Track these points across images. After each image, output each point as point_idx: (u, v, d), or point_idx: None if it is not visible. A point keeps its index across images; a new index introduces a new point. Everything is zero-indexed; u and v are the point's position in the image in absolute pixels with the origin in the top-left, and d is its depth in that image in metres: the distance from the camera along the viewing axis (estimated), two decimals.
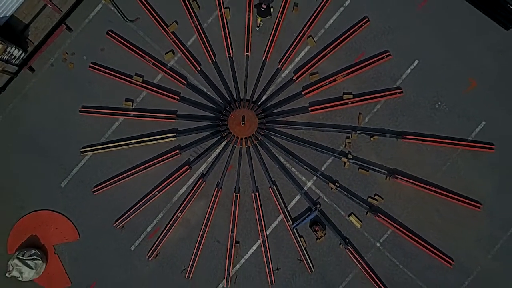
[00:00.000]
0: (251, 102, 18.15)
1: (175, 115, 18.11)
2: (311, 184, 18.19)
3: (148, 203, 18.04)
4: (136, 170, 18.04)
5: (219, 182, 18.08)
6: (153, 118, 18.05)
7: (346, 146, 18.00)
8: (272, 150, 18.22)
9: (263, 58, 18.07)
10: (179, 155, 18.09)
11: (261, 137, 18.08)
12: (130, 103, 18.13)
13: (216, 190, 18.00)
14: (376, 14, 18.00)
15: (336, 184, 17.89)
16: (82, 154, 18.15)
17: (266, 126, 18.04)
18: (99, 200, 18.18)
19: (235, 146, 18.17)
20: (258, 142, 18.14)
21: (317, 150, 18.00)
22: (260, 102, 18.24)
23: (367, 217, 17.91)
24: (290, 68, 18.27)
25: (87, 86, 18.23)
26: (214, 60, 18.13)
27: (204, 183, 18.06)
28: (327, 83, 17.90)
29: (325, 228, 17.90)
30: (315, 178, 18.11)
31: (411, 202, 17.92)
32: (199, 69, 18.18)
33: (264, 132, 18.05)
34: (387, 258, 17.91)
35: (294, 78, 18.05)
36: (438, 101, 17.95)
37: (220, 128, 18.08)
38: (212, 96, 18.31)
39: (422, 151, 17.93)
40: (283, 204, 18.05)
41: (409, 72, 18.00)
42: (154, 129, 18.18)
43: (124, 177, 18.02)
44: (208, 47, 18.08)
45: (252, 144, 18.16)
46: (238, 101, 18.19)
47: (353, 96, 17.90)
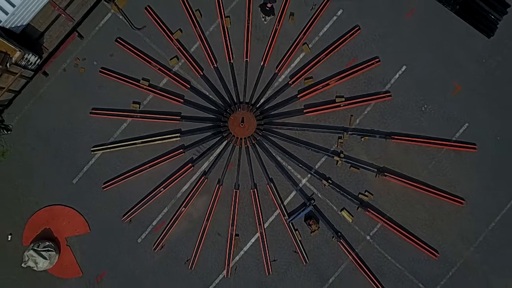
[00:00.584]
0: (250, 105, 18.75)
1: (179, 117, 18.71)
2: (305, 181, 18.78)
3: (154, 198, 18.68)
4: (143, 168, 18.68)
5: (220, 179, 18.69)
6: (158, 119, 18.68)
7: (339, 146, 18.59)
8: (269, 149, 18.82)
9: (262, 64, 18.67)
10: (182, 154, 18.71)
11: (259, 137, 18.68)
12: (137, 105, 18.77)
13: (217, 186, 18.62)
14: (366, 23, 18.63)
15: (329, 181, 18.50)
16: (92, 153, 18.82)
17: (264, 127, 18.65)
18: (108, 195, 18.81)
19: (235, 145, 18.76)
20: (256, 142, 18.74)
21: (311, 150, 18.60)
22: (258, 105, 18.84)
23: (358, 212, 18.53)
24: (286, 73, 18.87)
25: (97, 89, 18.90)
26: (216, 65, 18.74)
27: (206, 180, 18.67)
28: (321, 87, 18.54)
29: (318, 222, 18.49)
30: (309, 175, 18.70)
31: (399, 198, 18.54)
32: (202, 74, 18.79)
33: (262, 132, 18.65)
34: (377, 251, 18.55)
35: (290, 82, 18.66)
36: (424, 104, 18.55)
37: (221, 129, 18.66)
38: (214, 99, 18.91)
39: (409, 151, 18.54)
40: (280, 200, 18.64)
41: (397, 77, 18.61)
42: (160, 129, 18.81)
43: (131, 174, 18.67)
44: (210, 53, 18.70)
45: (251, 144, 18.74)
46: (238, 103, 18.77)
47: (345, 99, 18.50)
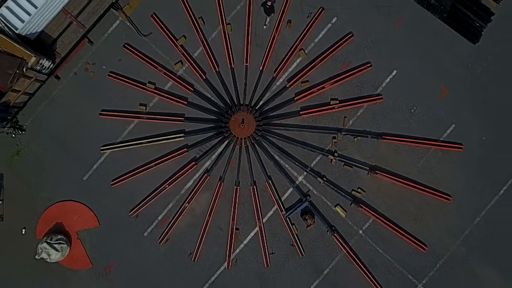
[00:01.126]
0: (249, 107, 19.22)
1: (183, 118, 19.18)
2: (302, 178, 19.21)
3: (160, 195, 19.10)
4: (149, 166, 19.10)
5: (222, 177, 19.14)
6: (163, 120, 19.14)
7: (333, 145, 19.04)
8: (268, 148, 19.27)
9: (260, 68, 19.14)
10: (186, 153, 19.15)
11: (258, 137, 19.14)
12: (144, 107, 19.24)
13: (219, 183, 19.08)
14: (359, 30, 19.07)
15: (324, 178, 18.97)
16: (101, 152, 19.28)
17: (262, 127, 19.11)
18: (116, 192, 19.25)
19: (236, 145, 19.23)
20: (255, 141, 19.20)
21: (307, 149, 19.04)
22: (257, 107, 19.29)
23: (351, 207, 18.94)
24: (284, 77, 19.31)
25: (106, 92, 19.35)
26: (218, 70, 19.20)
27: (208, 177, 19.14)
28: (317, 90, 18.98)
29: (314, 217, 18.90)
30: (305, 173, 19.13)
31: (390, 195, 18.94)
32: (204, 77, 19.26)
33: (261, 133, 19.11)
34: (369, 244, 18.94)
35: (287, 85, 19.11)
36: (413, 106, 18.97)
37: (223, 129, 19.11)
38: (216, 101, 19.37)
39: (399, 150, 18.96)
40: (278, 196, 19.06)
41: (388, 81, 19.03)
42: (165, 130, 19.22)
43: (138, 172, 19.10)
44: (212, 58, 19.16)
45: (251, 144, 19.20)
46: (238, 105, 19.24)
47: (339, 102, 18.95)
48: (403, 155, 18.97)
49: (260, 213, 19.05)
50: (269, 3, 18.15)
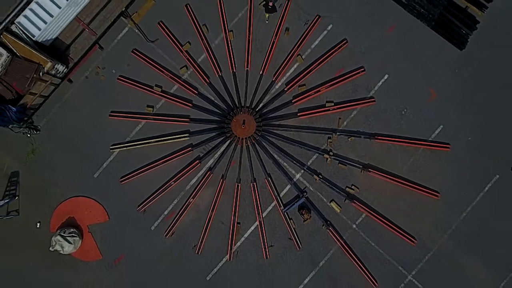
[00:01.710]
0: (250, 109, 19.64)
1: (188, 119, 19.57)
2: (299, 176, 19.61)
3: (166, 191, 19.46)
4: (156, 164, 19.46)
5: (224, 174, 19.53)
6: (169, 121, 19.53)
7: (328, 145, 19.44)
8: (267, 148, 19.67)
9: (260, 73, 19.57)
10: (191, 152, 19.54)
11: (258, 137, 19.57)
12: (151, 108, 19.64)
13: (221, 180, 19.46)
14: (353, 37, 19.46)
15: (320, 176, 19.38)
16: (111, 151, 19.68)
17: (262, 128, 19.54)
18: (125, 188, 19.60)
19: (237, 144, 19.64)
20: (256, 141, 19.63)
21: (304, 148, 19.46)
22: (257, 109, 19.70)
23: (345, 203, 19.30)
24: (282, 81, 19.70)
25: (116, 94, 19.73)
26: (220, 74, 19.64)
27: (211, 175, 19.53)
28: (313, 93, 19.37)
29: (310, 212, 19.27)
30: (302, 171, 19.53)
31: (382, 192, 19.30)
32: (208, 81, 19.69)
33: (261, 133, 19.55)
34: (362, 237, 19.30)
35: (285, 89, 19.52)
36: (404, 108, 19.35)
37: (225, 130, 19.53)
38: (219, 103, 19.79)
39: (391, 150, 19.34)
40: (276, 192, 19.48)
41: (380, 84, 19.41)
42: (171, 130, 19.58)
43: (145, 169, 19.46)
44: (215, 63, 19.59)
45: (251, 143, 19.63)
46: (240, 107, 19.65)
47: (334, 104, 19.34)
48: (394, 154, 19.30)
49: (260, 208, 19.40)
50: (270, 4, 18.42)
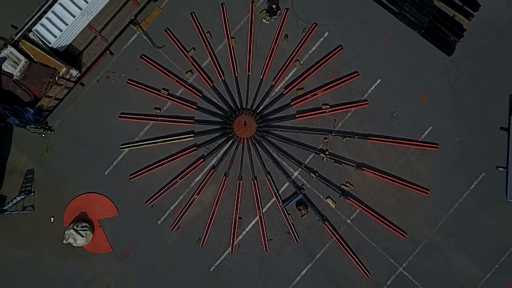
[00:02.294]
0: (251, 111, 20.15)
1: (193, 120, 20.04)
2: (297, 174, 20.06)
3: (172, 188, 19.94)
4: (163, 162, 19.94)
5: (226, 172, 20.02)
6: (176, 122, 20.01)
7: (324, 145, 19.89)
8: (267, 147, 20.14)
9: (261, 77, 20.07)
10: (195, 151, 20.01)
11: (259, 137, 20.07)
12: (158, 110, 20.16)
13: (224, 178, 19.97)
14: (348, 43, 19.98)
15: (316, 174, 19.81)
16: (121, 150, 20.23)
17: (262, 129, 20.03)
18: (134, 185, 20.10)
19: (239, 144, 20.15)
20: (256, 141, 20.14)
21: (302, 148, 19.93)
22: (258, 111, 20.21)
23: (340, 200, 19.70)
24: (281, 85, 20.22)
25: (125, 97, 20.30)
26: (223, 78, 20.15)
27: (215, 173, 20.03)
28: (310, 96, 19.84)
29: (307, 208, 19.72)
30: (300, 169, 19.98)
31: (375, 189, 19.72)
32: (212, 85, 20.20)
33: (261, 133, 20.04)
34: (356, 232, 19.74)
35: (284, 92, 20.05)
36: (395, 111, 19.85)
37: (228, 131, 20.01)
38: (222, 106, 20.29)
39: (383, 149, 19.78)
40: (275, 189, 19.93)
41: (373, 88, 19.88)
42: (176, 131, 20.05)
43: (153, 167, 19.97)
44: (218, 68, 20.10)
45: (252, 143, 20.13)
46: (241, 109, 20.12)
47: (330, 106, 19.78)
48: (386, 153, 19.76)
49: (260, 204, 19.85)
50: (274, 6, 18.97)
